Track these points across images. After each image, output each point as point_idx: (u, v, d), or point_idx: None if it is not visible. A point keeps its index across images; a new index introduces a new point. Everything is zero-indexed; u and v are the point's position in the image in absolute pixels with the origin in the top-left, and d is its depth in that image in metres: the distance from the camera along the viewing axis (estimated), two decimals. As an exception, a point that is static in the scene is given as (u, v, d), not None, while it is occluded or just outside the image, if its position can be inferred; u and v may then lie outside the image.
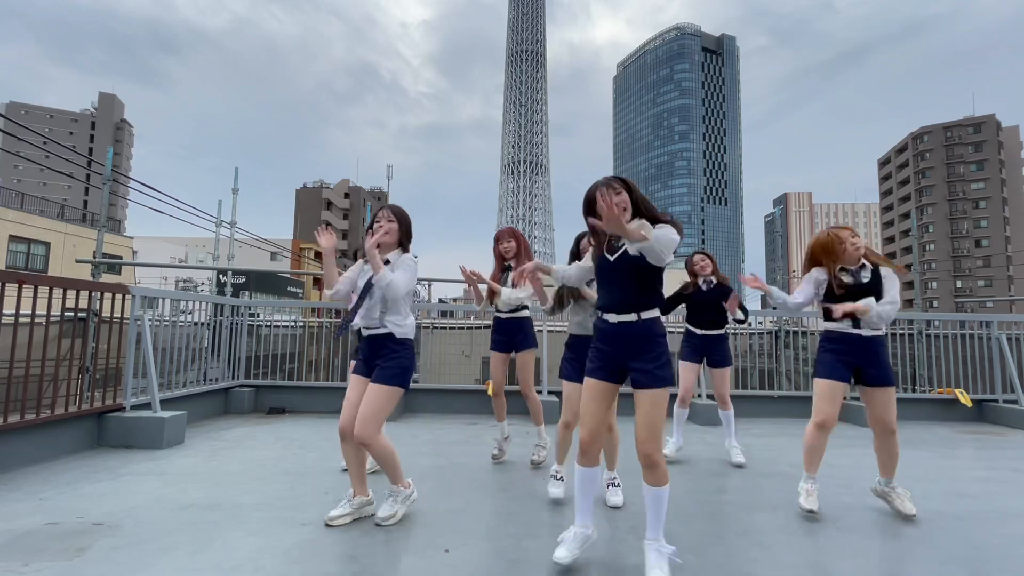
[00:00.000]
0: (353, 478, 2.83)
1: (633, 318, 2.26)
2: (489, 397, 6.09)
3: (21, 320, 3.62)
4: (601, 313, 2.37)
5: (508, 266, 3.88)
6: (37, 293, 3.74)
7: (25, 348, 3.68)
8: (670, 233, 2.16)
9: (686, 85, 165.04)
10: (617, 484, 3.13)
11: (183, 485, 3.36)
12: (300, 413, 6.20)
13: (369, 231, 2.83)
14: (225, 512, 2.87)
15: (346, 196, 69.53)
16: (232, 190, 12.45)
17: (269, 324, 7.37)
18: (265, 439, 4.79)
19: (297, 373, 6.87)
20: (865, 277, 3.01)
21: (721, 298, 4.19)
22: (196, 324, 5.89)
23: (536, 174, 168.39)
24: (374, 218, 2.89)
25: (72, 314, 4.47)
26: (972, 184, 71.92)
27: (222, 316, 6.23)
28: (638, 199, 2.31)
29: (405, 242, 2.91)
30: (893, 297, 2.96)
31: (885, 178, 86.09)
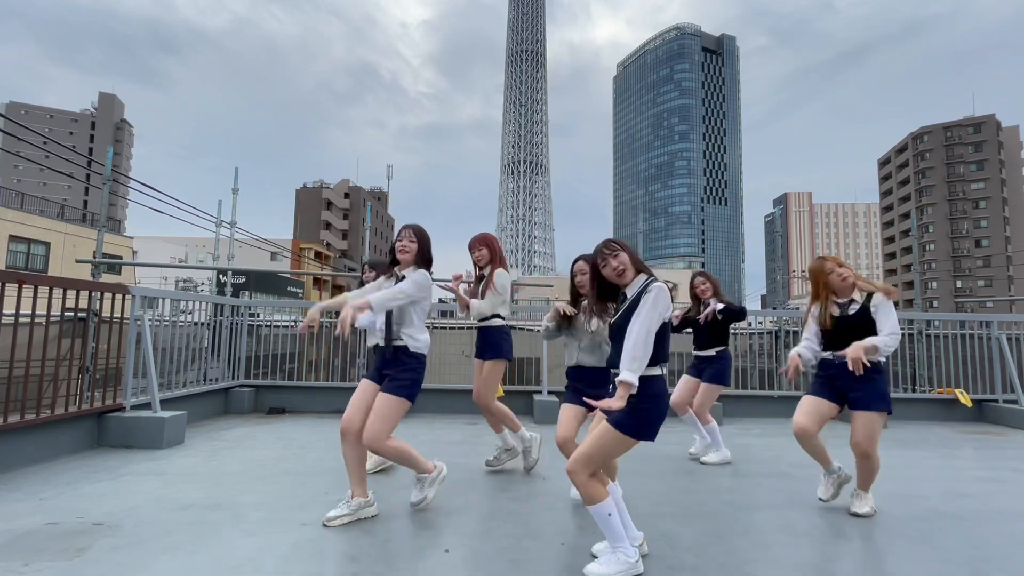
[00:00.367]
0: (352, 478, 2.84)
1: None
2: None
3: (21, 320, 3.62)
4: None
5: (482, 275, 3.83)
6: (37, 293, 3.74)
7: (25, 348, 3.68)
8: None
9: (686, 85, 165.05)
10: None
11: (183, 485, 3.36)
12: (300, 413, 6.20)
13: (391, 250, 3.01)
14: (225, 512, 2.87)
15: (346, 196, 69.59)
16: (232, 190, 12.46)
17: (269, 324, 7.37)
18: (265, 439, 4.79)
19: (297, 373, 6.87)
20: (853, 310, 3.03)
21: (716, 322, 4.27)
22: (196, 324, 5.89)
23: (536, 174, 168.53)
24: (398, 235, 3.01)
25: (72, 314, 4.46)
26: (972, 184, 71.93)
27: (222, 316, 6.23)
28: (631, 255, 2.39)
29: (421, 263, 3.00)
30: (892, 328, 2.95)
31: (885, 178, 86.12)
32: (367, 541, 2.54)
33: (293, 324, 7.85)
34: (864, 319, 2.99)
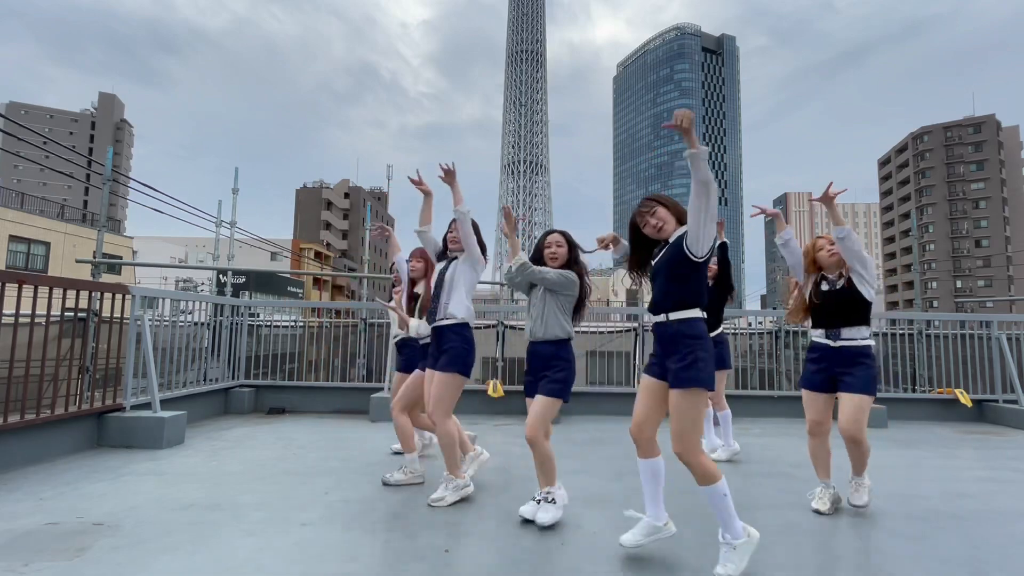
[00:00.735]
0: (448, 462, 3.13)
1: (662, 319, 2.34)
2: (490, 397, 6.12)
3: (21, 320, 3.62)
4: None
5: (416, 292, 3.80)
6: (37, 293, 3.74)
7: (25, 348, 3.68)
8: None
9: (686, 85, 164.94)
10: (551, 500, 2.77)
11: (183, 485, 3.36)
12: (300, 413, 6.20)
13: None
14: (225, 512, 2.87)
15: (346, 196, 69.57)
16: (232, 190, 12.42)
17: (269, 324, 7.37)
18: (265, 439, 4.79)
19: (297, 373, 6.87)
20: (840, 284, 3.10)
21: (713, 302, 4.24)
22: (196, 324, 5.89)
23: (536, 174, 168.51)
24: (449, 227, 3.32)
25: (72, 314, 4.46)
26: (972, 184, 71.90)
27: (222, 316, 6.23)
28: (670, 206, 2.42)
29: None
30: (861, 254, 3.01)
31: (885, 178, 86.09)
32: (367, 541, 2.54)
33: (293, 324, 7.85)
34: (851, 290, 3.04)
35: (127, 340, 4.60)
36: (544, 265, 2.98)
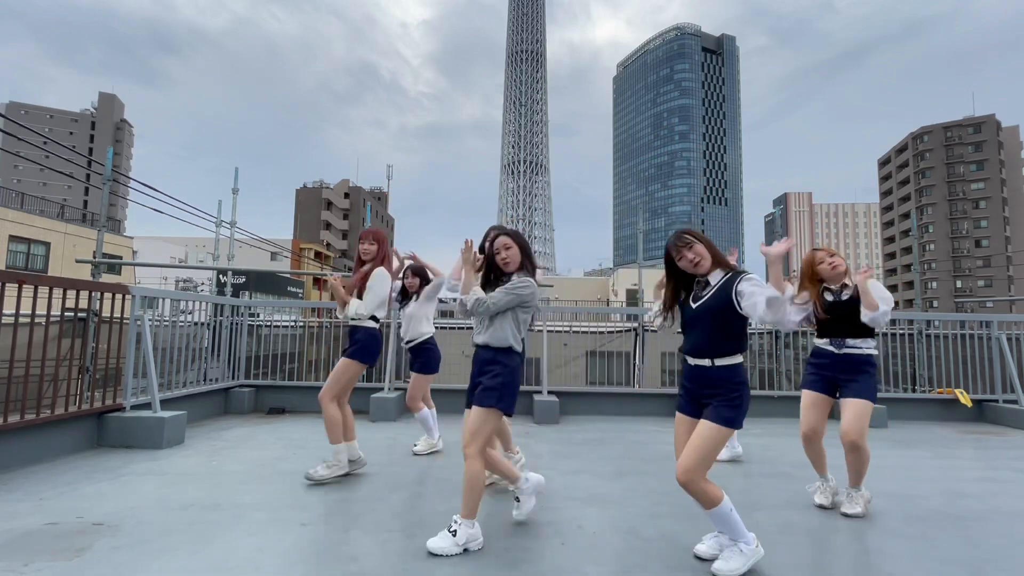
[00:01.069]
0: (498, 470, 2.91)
1: (706, 363, 2.37)
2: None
3: (21, 320, 3.62)
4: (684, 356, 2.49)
5: (366, 272, 3.66)
6: (37, 293, 3.73)
7: (25, 348, 3.68)
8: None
9: (686, 85, 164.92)
10: (452, 532, 2.44)
11: (183, 485, 3.36)
12: (300, 413, 6.20)
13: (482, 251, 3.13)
14: (225, 512, 2.87)
15: (346, 196, 69.57)
16: (232, 190, 12.42)
17: (269, 324, 7.37)
18: (265, 439, 4.79)
19: (297, 373, 6.87)
20: (846, 295, 3.11)
21: None
22: (196, 324, 5.89)
23: (536, 174, 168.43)
24: (488, 238, 3.09)
25: (72, 314, 4.46)
26: (972, 184, 71.92)
27: (222, 316, 6.23)
28: (706, 244, 2.45)
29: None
30: (881, 294, 3.04)
31: (885, 178, 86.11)
32: (367, 541, 2.54)
33: (293, 324, 7.85)
34: (857, 302, 3.05)
35: (127, 340, 4.60)
36: (498, 271, 2.80)
